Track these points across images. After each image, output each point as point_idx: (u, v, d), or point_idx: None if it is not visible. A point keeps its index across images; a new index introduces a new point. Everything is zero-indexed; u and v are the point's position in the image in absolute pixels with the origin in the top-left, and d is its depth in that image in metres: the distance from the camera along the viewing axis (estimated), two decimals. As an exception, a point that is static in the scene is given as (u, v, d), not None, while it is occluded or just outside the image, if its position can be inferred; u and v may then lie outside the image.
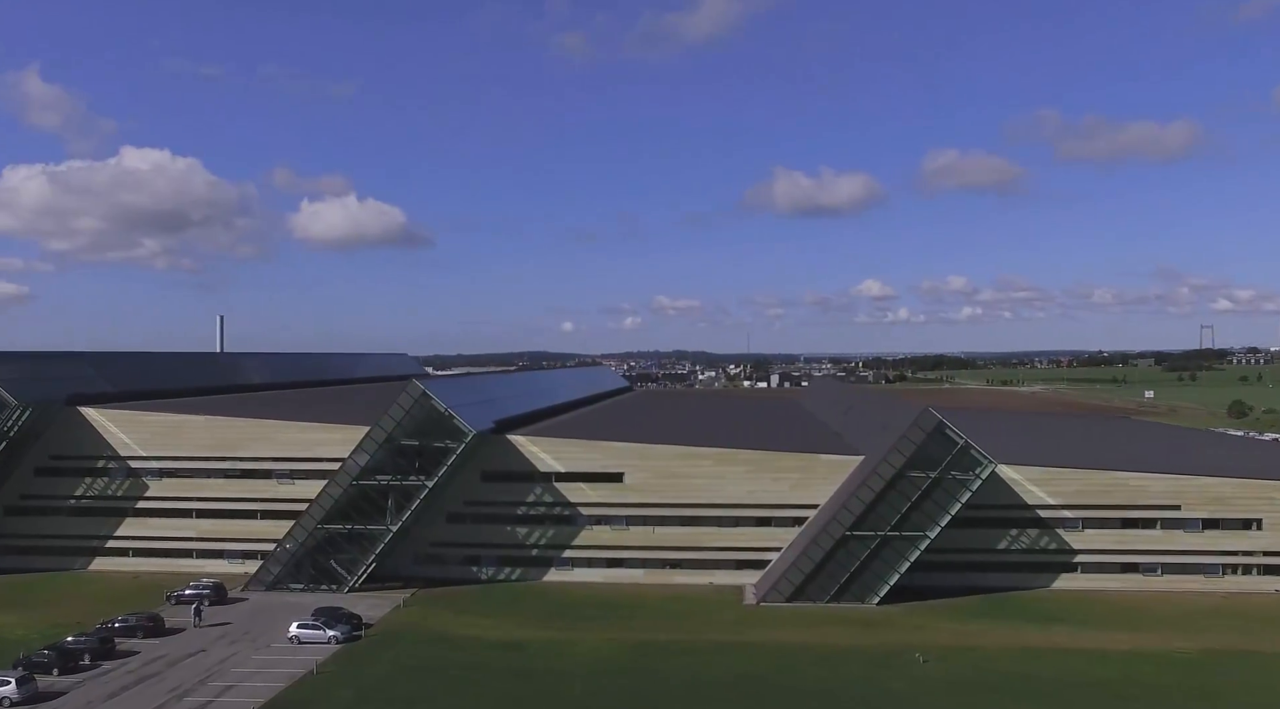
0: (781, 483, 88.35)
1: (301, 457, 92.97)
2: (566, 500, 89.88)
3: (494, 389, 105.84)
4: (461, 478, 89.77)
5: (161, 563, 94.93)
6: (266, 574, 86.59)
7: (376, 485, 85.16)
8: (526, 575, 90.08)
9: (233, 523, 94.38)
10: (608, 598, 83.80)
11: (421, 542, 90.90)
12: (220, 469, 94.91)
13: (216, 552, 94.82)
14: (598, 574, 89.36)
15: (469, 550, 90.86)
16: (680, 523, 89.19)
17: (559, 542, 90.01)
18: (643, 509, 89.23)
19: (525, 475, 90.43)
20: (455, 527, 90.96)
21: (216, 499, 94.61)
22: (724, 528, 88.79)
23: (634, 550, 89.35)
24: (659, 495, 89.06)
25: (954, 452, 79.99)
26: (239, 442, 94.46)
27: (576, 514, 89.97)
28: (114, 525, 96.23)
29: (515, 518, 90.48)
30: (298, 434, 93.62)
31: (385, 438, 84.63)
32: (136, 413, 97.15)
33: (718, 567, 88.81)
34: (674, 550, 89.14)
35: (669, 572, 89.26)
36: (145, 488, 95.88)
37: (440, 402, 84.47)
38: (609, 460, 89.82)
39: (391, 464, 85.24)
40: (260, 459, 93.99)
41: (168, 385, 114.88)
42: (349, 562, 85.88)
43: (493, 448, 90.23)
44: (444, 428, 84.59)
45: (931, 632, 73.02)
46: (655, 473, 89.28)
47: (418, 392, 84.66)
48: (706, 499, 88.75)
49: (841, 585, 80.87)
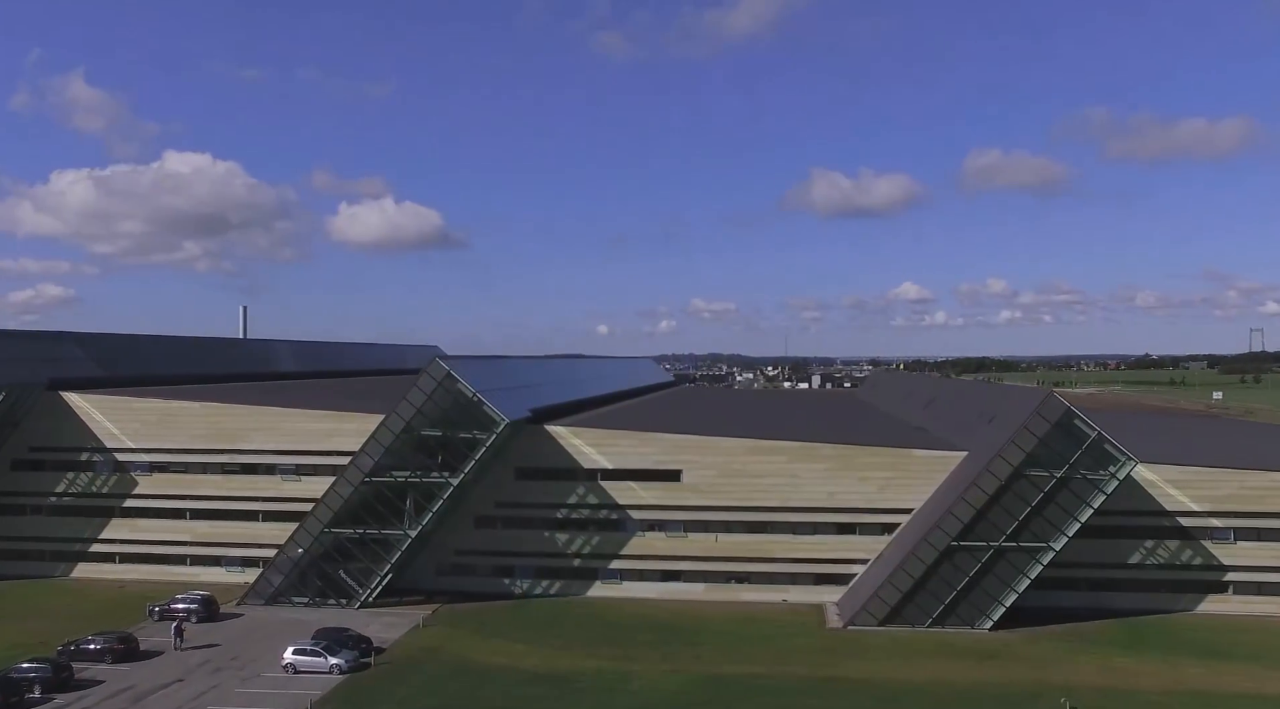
0: (868, 483, 74.84)
1: (310, 449, 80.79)
2: (614, 502, 76.96)
3: (529, 374, 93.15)
4: (492, 475, 77.20)
5: (151, 570, 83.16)
6: (265, 586, 74.42)
7: (393, 483, 72.73)
8: (567, 590, 77.28)
9: (231, 525, 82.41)
10: (664, 618, 70.79)
11: (445, 550, 78.41)
12: (218, 464, 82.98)
13: (213, 558, 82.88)
14: (651, 589, 76.37)
15: (500, 560, 78.23)
16: (748, 529, 75.98)
17: (605, 550, 77.15)
18: (704, 513, 76.12)
19: (566, 473, 77.62)
20: (484, 532, 78.38)
21: (213, 498, 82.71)
22: (799, 536, 75.45)
23: (693, 561, 76.27)
24: (723, 497, 75.92)
25: (1083, 447, 66.15)
26: (239, 432, 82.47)
27: (626, 518, 77.04)
28: (99, 527, 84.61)
29: (554, 522, 77.73)
30: (306, 424, 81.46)
31: (403, 427, 72.17)
32: (124, 398, 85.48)
33: (792, 581, 75.50)
34: (740, 562, 75.94)
35: (734, 587, 76.10)
36: (134, 484, 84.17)
37: (468, 385, 71.90)
38: (664, 455, 76.81)
39: (411, 458, 72.80)
40: (263, 452, 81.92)
41: (170, 371, 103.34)
42: (361, 572, 73.51)
43: (528, 440, 77.56)
44: (472, 416, 72.02)
45: (1067, 667, 59.27)
46: (719, 470, 76.14)
47: (441, 372, 72.12)
48: (779, 502, 75.46)
49: (946, 606, 67.27)
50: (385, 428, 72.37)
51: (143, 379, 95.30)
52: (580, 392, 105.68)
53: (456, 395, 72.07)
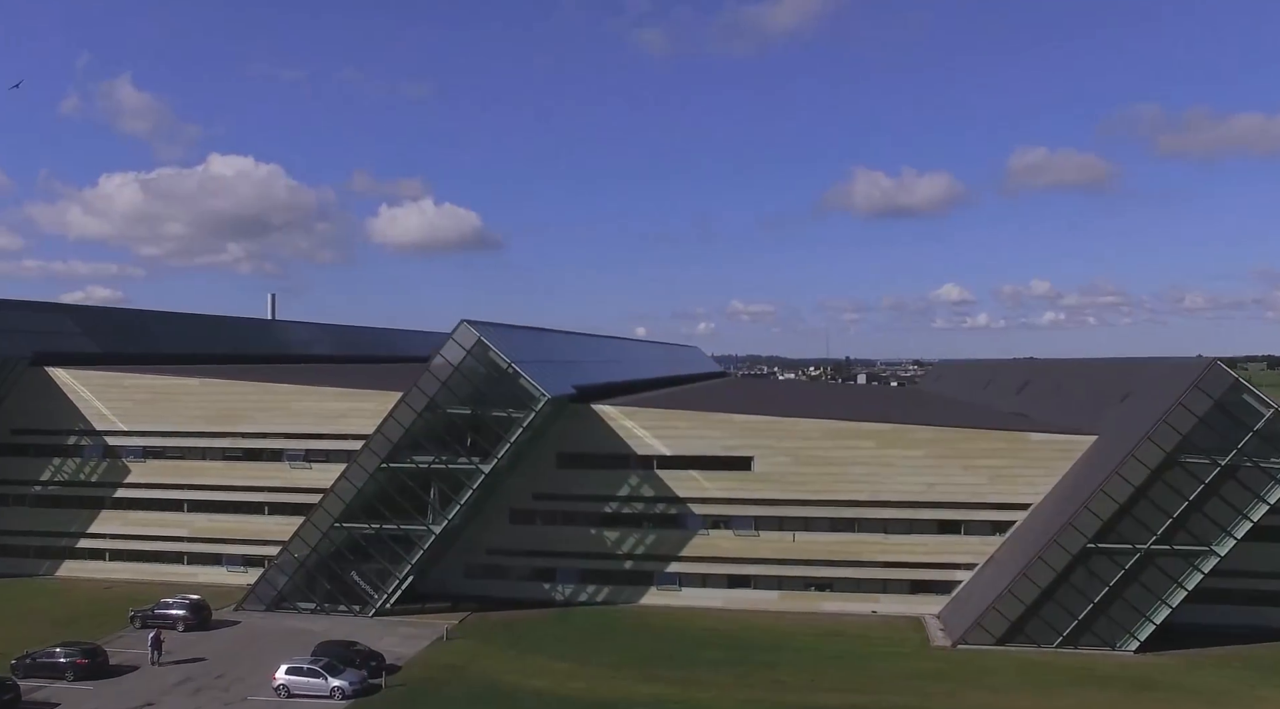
0: (976, 472, 62.88)
1: (322, 432, 70.33)
2: (673, 494, 65.66)
3: (571, 349, 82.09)
4: (530, 462, 66.31)
5: (143, 569, 73.23)
6: (267, 589, 63.95)
7: (415, 471, 62.01)
8: (617, 596, 66.09)
9: (233, 519, 72.18)
10: (732, 632, 59.43)
11: (475, 549, 67.59)
12: (218, 449, 72.76)
13: (212, 556, 72.71)
14: (716, 596, 64.99)
15: (539, 561, 67.24)
16: (830, 527, 64.35)
17: (662, 551, 65.87)
18: (779, 507, 64.62)
19: (616, 460, 66.43)
20: (521, 529, 67.46)
21: (213, 487, 72.52)
22: (892, 535, 63.68)
23: (766, 564, 64.77)
24: (801, 489, 64.36)
25: (1255, 429, 53.93)
26: (241, 412, 72.19)
27: (687, 513, 65.70)
28: (86, 520, 74.78)
29: (602, 517, 66.60)
30: (317, 403, 71.00)
31: (426, 404, 61.39)
32: (114, 374, 75.57)
33: (883, 589, 63.77)
34: (821, 565, 64.32)
35: (814, 595, 64.47)
36: (125, 472, 74.22)
37: (502, 354, 60.99)
38: (732, 440, 65.37)
39: (436, 442, 62.02)
40: (268, 435, 71.57)
41: (177, 349, 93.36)
42: (376, 574, 62.82)
43: (572, 421, 66.52)
44: (507, 391, 61.11)
45: (1254, 704, 47.12)
46: (796, 458, 64.57)
47: (471, 339, 61.24)
48: (868, 494, 63.77)
49: (1081, 622, 55.27)
50: (406, 405, 61.63)
51: (145, 358, 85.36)
52: (627, 373, 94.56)
53: (489, 367, 61.16)
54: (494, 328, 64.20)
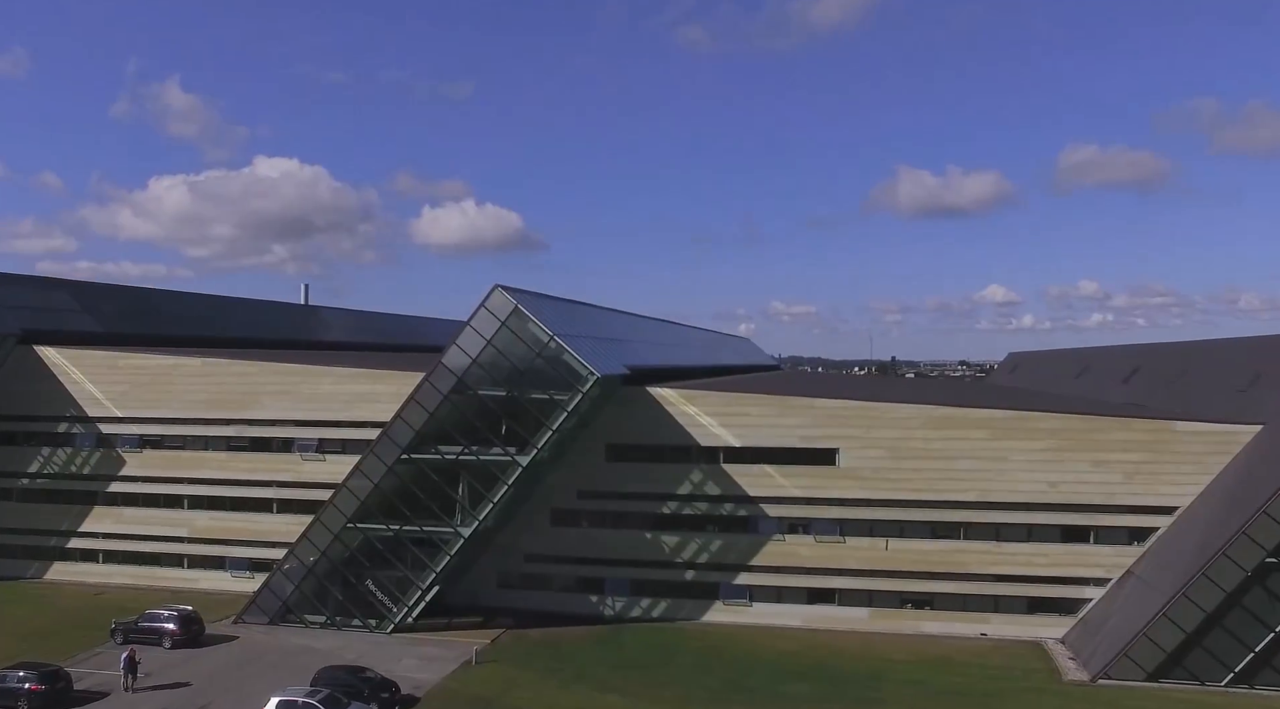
0: (1109, 468, 52.41)
1: (336, 419, 61.41)
2: (743, 493, 55.90)
3: (618, 327, 72.28)
4: (575, 454, 56.95)
5: (139, 573, 64.92)
6: (271, 599, 55.12)
7: (440, 463, 52.80)
8: (676, 612, 56.49)
9: (238, 517, 63.53)
10: (819, 658, 49.58)
11: (511, 554, 58.37)
12: (222, 438, 64.12)
13: (215, 559, 64.15)
14: (793, 613, 55.16)
15: (585, 569, 57.81)
16: (931, 533, 54.25)
17: (729, 559, 56.16)
18: (868, 509, 54.61)
19: (676, 452, 56.84)
20: (564, 532, 58.09)
21: (216, 482, 63.92)
22: (1007, 543, 53.43)
23: (854, 576, 54.82)
24: (895, 487, 54.33)
25: None
26: (247, 396, 63.47)
27: (759, 515, 55.92)
28: (78, 517, 66.55)
29: (659, 519, 57.02)
30: (331, 385, 62.08)
31: (454, 384, 52.17)
32: (109, 354, 67.21)
33: (995, 608, 53.58)
34: (920, 578, 54.25)
35: (912, 614, 54.39)
36: (120, 464, 65.88)
37: (542, 325, 51.55)
38: (814, 429, 55.43)
39: (465, 429, 52.73)
40: (278, 423, 62.79)
41: (189, 333, 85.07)
42: (396, 584, 53.71)
43: (625, 407, 57.00)
44: (549, 370, 51.68)
45: None
46: (890, 450, 54.50)
47: (506, 307, 51.85)
48: (977, 494, 53.57)
49: (1258, 655, 44.68)
50: (430, 387, 52.43)
51: (153, 340, 76.97)
52: (680, 357, 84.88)
53: (528, 340, 51.72)
54: (532, 296, 54.80)
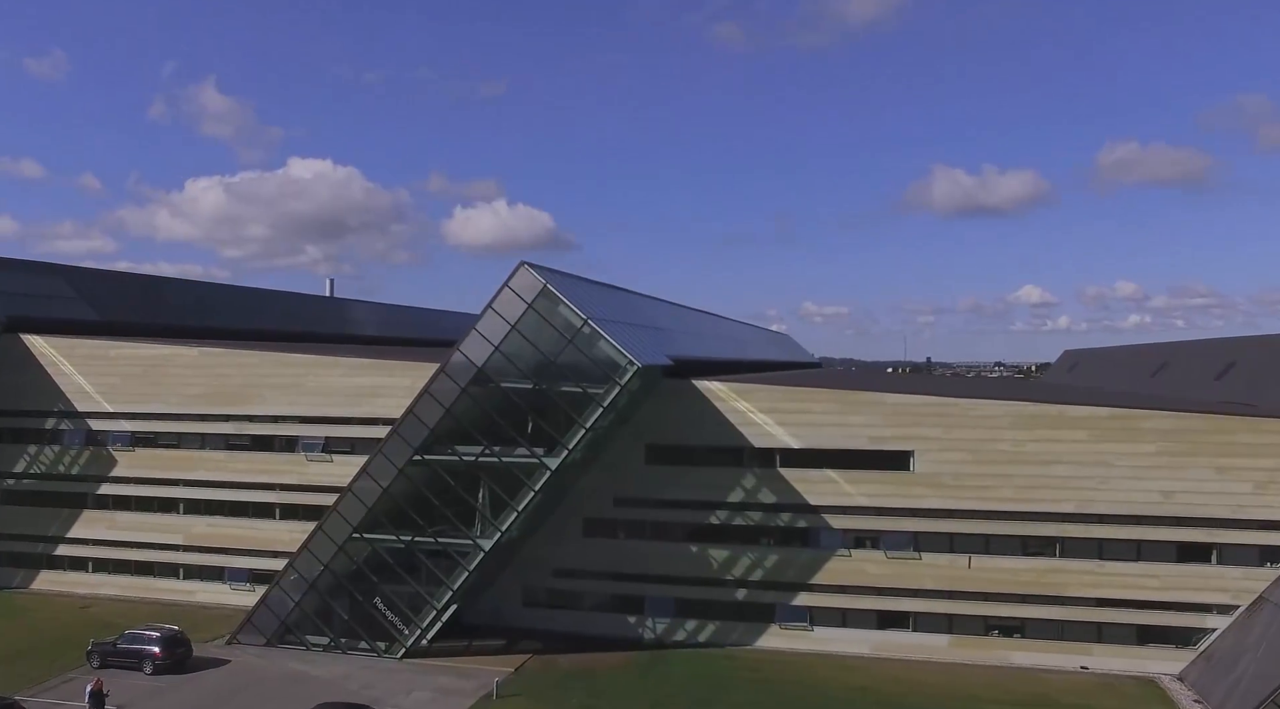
0: (1236, 477, 44.92)
1: (344, 415, 55.15)
2: (802, 501, 48.96)
3: (655, 314, 65.32)
4: (611, 456, 50.33)
5: (131, 584, 59.15)
6: (268, 618, 48.87)
7: (458, 465, 46.25)
8: (726, 636, 49.64)
9: (238, 523, 57.49)
10: (895, 694, 42.55)
11: (539, 569, 51.83)
12: (221, 435, 58.06)
13: (214, 570, 58.11)
14: (861, 639, 48.14)
15: (622, 586, 51.12)
16: (1022, 549, 47.00)
17: (787, 576, 49.23)
18: (948, 521, 47.47)
19: (727, 454, 49.97)
20: (598, 544, 51.45)
21: (213, 484, 57.90)
22: (1111, 563, 46.10)
23: (930, 598, 47.70)
24: (980, 496, 47.15)
25: None
26: (248, 390, 57.36)
27: (820, 526, 48.94)
28: (66, 522, 60.82)
29: (706, 531, 50.21)
30: (339, 377, 55.78)
31: (474, 375, 45.63)
32: (100, 343, 61.38)
33: (1097, 637, 46.28)
34: (1010, 601, 47.01)
35: (999, 642, 47.18)
36: (111, 463, 60.05)
37: (574, 307, 44.85)
38: (885, 429, 48.35)
39: (486, 427, 46.13)
40: (281, 419, 56.60)
41: (199, 323, 79.26)
42: (409, 601, 47.25)
43: (668, 403, 50.26)
44: (582, 358, 44.97)
45: None
46: (974, 453, 47.31)
47: (534, 286, 45.18)
48: (1077, 505, 46.26)
49: None
50: (446, 378, 45.93)
51: (156, 331, 71.08)
52: (724, 350, 77.97)
53: (559, 325, 45.04)
54: (562, 276, 48.13)
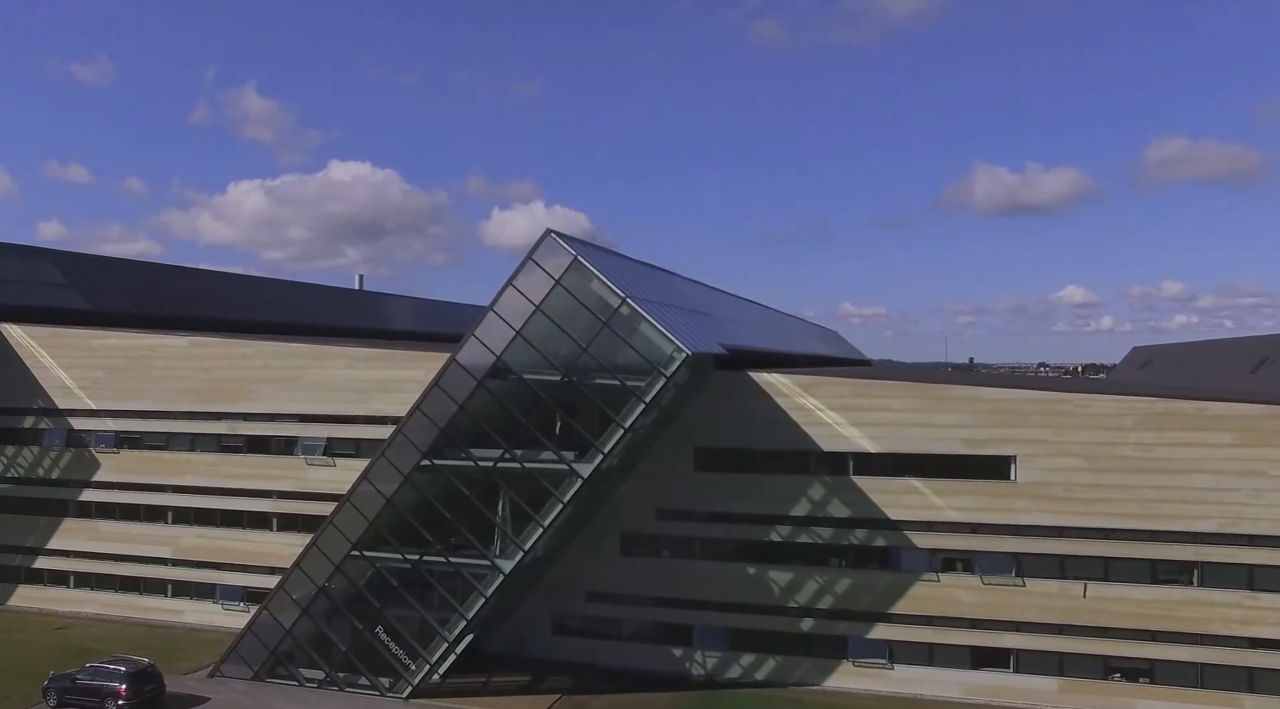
0: None
1: (350, 413, 48.33)
2: (880, 515, 41.30)
3: (697, 298, 57.70)
4: (653, 461, 43.00)
5: (117, 602, 52.90)
6: (255, 648, 42.08)
7: (473, 471, 39.12)
8: (789, 674, 42.09)
9: (231, 535, 50.91)
10: (1001, 755, 34.79)
11: (569, 592, 44.62)
12: (212, 436, 51.53)
13: (204, 587, 51.58)
14: (951, 680, 40.40)
15: (666, 613, 43.74)
16: (1150, 576, 38.96)
17: (862, 604, 41.58)
18: (1058, 540, 39.57)
19: (790, 459, 42.36)
20: (638, 564, 44.13)
21: (204, 490, 51.37)
22: (1267, 595, 37.95)
23: (1037, 632, 39.80)
24: (1098, 510, 39.19)
25: None
26: (242, 384, 50.74)
27: (902, 546, 41.23)
28: (46, 532, 54.67)
29: (765, 549, 42.69)
30: (345, 370, 48.96)
31: (491, 366, 38.50)
32: (82, 333, 55.13)
33: (1249, 684, 38.10)
34: (1135, 639, 39.01)
35: (1123, 688, 39.17)
36: (94, 467, 53.77)
37: (610, 283, 37.55)
38: (980, 429, 40.53)
39: (507, 427, 38.91)
40: (279, 418, 49.93)
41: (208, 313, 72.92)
42: (416, 630, 40.19)
43: (720, 399, 42.85)
44: (620, 346, 37.67)
45: None
46: (1088, 459, 39.35)
47: (562, 258, 37.91)
48: (1219, 523, 38.15)
49: None
50: (459, 369, 38.87)
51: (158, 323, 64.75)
52: (776, 342, 70.32)
53: (592, 305, 37.74)
54: (594, 249, 40.88)
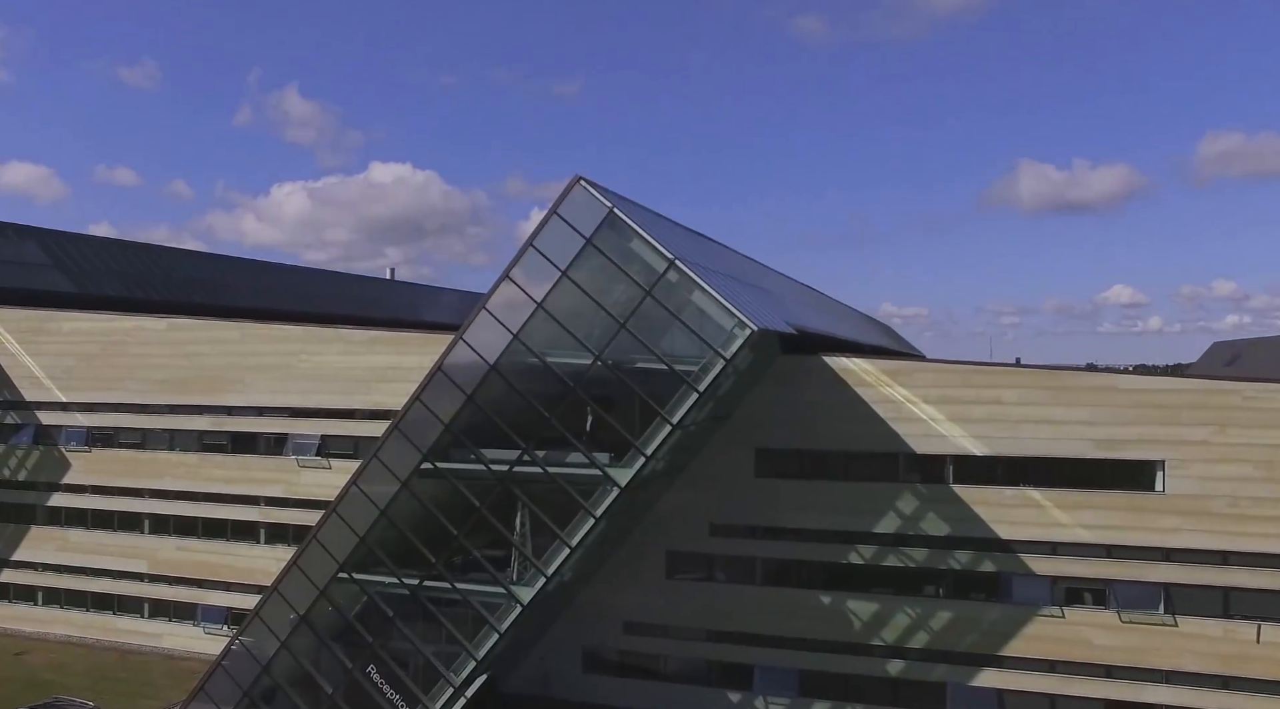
0: None
1: (347, 407, 41.29)
2: (987, 533, 33.27)
3: (753, 273, 49.37)
4: (705, 465, 35.36)
5: (88, 622, 46.39)
6: (225, 687, 34.91)
7: (484, 477, 31.61)
8: (873, 727, 34.26)
9: (213, 547, 44.12)
10: None
11: (604, 622, 37.12)
12: (193, 432, 44.73)
13: (184, 606, 44.83)
14: (1082, 744, 32.31)
15: (721, 649, 36.04)
16: (1341, 615, 30.65)
17: (965, 643, 33.58)
18: (1219, 569, 31.34)
19: (874, 463, 34.48)
20: (686, 589, 36.51)
21: (184, 495, 44.64)
22: None
23: (1192, 684, 31.58)
24: (1271, 530, 30.89)
25: None
26: (226, 374, 43.85)
27: (1015, 572, 33.16)
28: (12, 541, 48.33)
29: (843, 574, 34.83)
30: (342, 357, 41.87)
31: (508, 346, 30.96)
32: (47, 315, 48.66)
33: None
34: (1320, 695, 30.71)
35: (1305, 756, 30.87)
36: (64, 467, 47.21)
37: (654, 241, 29.88)
38: (1117, 427, 32.30)
39: (525, 422, 31.31)
40: (266, 412, 43.02)
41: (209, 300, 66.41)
42: (417, 673, 32.82)
43: (786, 389, 35.14)
44: (668, 322, 30.03)
45: None
46: (1261, 466, 31.00)
47: (594, 210, 30.24)
48: None
49: None
50: (467, 349, 31.45)
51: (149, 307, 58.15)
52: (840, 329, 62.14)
53: (635, 270, 30.03)
54: (631, 204, 33.32)
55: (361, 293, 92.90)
